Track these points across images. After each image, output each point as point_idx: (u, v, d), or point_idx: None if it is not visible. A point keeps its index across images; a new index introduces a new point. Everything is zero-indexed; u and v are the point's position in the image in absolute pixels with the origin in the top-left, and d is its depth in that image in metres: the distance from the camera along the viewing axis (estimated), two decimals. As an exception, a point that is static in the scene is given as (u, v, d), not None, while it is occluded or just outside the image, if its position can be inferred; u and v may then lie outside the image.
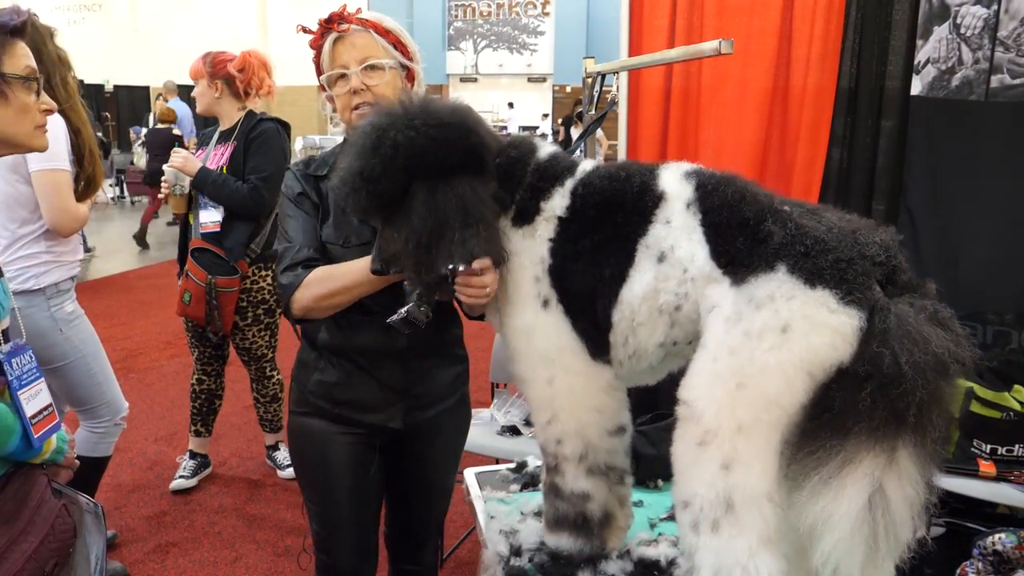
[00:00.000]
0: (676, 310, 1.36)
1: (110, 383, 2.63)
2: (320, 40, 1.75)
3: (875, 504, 1.15)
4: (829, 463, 1.18)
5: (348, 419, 1.80)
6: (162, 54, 19.07)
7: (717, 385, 1.25)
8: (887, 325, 1.18)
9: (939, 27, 2.75)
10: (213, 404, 3.55)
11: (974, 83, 2.71)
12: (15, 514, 1.39)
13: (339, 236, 1.73)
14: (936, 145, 2.81)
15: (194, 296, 3.22)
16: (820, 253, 1.22)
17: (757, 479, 1.22)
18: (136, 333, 5.90)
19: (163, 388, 4.78)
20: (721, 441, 1.23)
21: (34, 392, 1.46)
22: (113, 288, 7.34)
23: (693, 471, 1.27)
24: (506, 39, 22.39)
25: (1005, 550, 2.03)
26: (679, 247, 1.34)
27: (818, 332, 1.19)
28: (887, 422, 1.16)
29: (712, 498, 1.23)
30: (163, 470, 3.67)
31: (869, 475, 1.16)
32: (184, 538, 3.10)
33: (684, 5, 3.17)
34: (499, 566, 1.63)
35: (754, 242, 1.27)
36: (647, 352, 1.42)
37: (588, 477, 1.51)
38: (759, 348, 1.22)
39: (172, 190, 3.26)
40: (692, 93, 3.26)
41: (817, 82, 2.98)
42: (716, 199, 1.34)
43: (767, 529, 1.22)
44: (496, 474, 2.08)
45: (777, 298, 1.22)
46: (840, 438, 1.18)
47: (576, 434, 1.49)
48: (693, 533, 1.26)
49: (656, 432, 1.99)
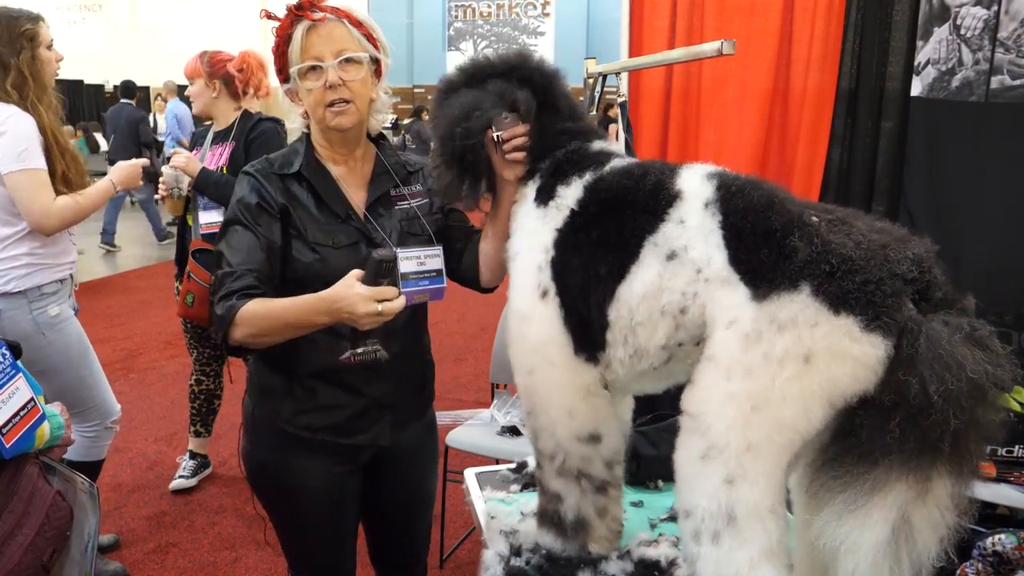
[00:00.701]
0: (681, 312, 1.32)
1: (100, 387, 2.60)
2: (289, 28, 1.60)
3: (899, 532, 1.13)
4: (856, 488, 1.15)
5: (328, 445, 1.68)
6: (162, 54, 19.04)
7: (729, 405, 1.22)
8: (915, 350, 1.12)
9: (939, 28, 2.75)
10: (212, 404, 3.55)
11: (974, 84, 2.71)
12: (6, 506, 1.38)
13: (327, 237, 1.61)
14: (936, 146, 2.81)
15: (197, 297, 3.19)
16: (847, 274, 1.17)
17: (761, 495, 1.20)
18: (136, 333, 5.90)
19: (163, 388, 4.78)
20: (727, 457, 1.21)
21: (8, 394, 1.39)
22: (113, 288, 7.33)
23: (695, 482, 1.25)
24: (506, 39, 22.37)
25: (1005, 551, 2.03)
26: (693, 248, 1.29)
27: (840, 363, 1.16)
28: (920, 453, 1.12)
29: (714, 510, 1.22)
30: (163, 470, 3.67)
31: (898, 505, 1.12)
32: (184, 538, 3.10)
33: (684, 6, 3.18)
34: (499, 566, 1.62)
35: (779, 256, 1.22)
36: (648, 353, 1.39)
37: (558, 478, 1.50)
38: (780, 375, 1.18)
39: (171, 192, 3.21)
40: (692, 94, 3.26)
41: (817, 83, 2.99)
42: (740, 201, 1.28)
43: (770, 542, 1.20)
44: (496, 474, 2.08)
45: (800, 323, 1.18)
46: (868, 466, 1.14)
47: (548, 432, 1.48)
48: (694, 542, 1.25)
49: (656, 432, 1.99)
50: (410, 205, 1.74)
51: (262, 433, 1.72)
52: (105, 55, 20.88)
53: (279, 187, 1.63)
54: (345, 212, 1.66)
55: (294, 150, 1.70)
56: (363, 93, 1.61)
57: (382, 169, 1.75)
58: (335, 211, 1.65)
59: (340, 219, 1.64)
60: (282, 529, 1.80)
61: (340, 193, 1.67)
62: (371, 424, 1.70)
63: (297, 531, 1.77)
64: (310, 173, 1.66)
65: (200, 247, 3.21)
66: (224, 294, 1.53)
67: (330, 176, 1.68)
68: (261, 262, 1.57)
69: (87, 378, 2.54)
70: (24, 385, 1.46)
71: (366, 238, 1.65)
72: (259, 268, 1.56)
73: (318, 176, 1.67)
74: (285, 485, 1.72)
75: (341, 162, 1.71)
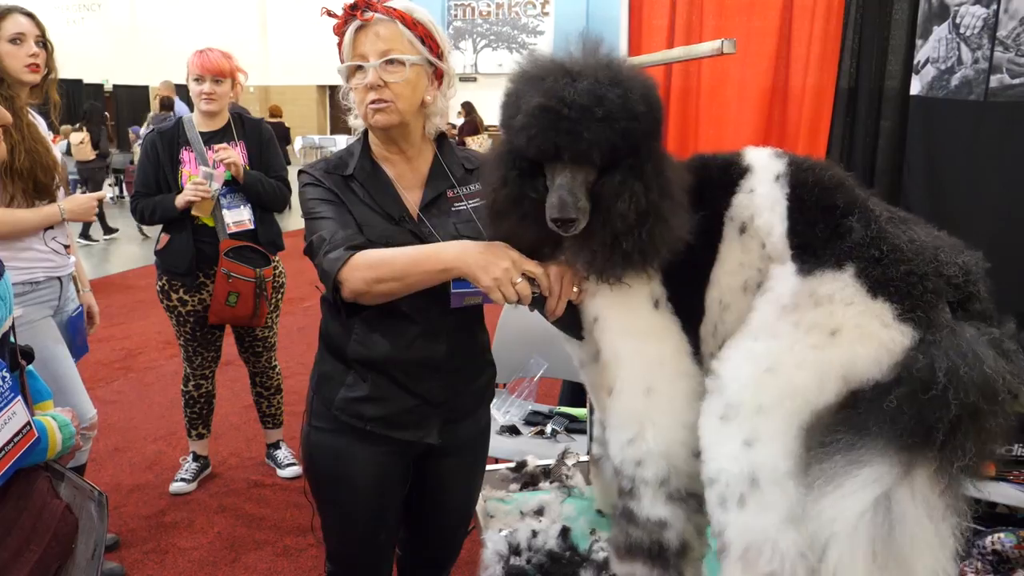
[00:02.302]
0: (759, 288, 1.31)
1: (72, 390, 2.50)
2: (343, 26, 1.60)
3: (880, 508, 1.12)
4: (837, 458, 1.15)
5: (378, 436, 1.66)
6: (161, 54, 19.04)
7: (747, 363, 1.24)
8: (936, 338, 1.14)
9: (938, 27, 2.75)
10: (211, 404, 3.54)
11: (973, 83, 2.71)
12: (17, 522, 1.36)
13: (381, 238, 1.59)
14: (935, 145, 2.81)
15: (242, 295, 3.15)
16: (893, 263, 1.18)
17: (778, 458, 1.20)
18: (135, 333, 5.89)
19: (162, 388, 4.78)
20: (742, 419, 1.22)
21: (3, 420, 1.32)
22: (112, 288, 7.33)
23: (717, 447, 1.26)
24: (505, 39, 22.35)
25: (1004, 550, 2.03)
26: (759, 216, 1.30)
27: (865, 343, 1.17)
28: (910, 432, 1.11)
29: (737, 472, 1.22)
30: (162, 470, 3.66)
31: (877, 480, 1.12)
32: (183, 538, 3.10)
33: (683, 5, 3.17)
34: (499, 565, 1.63)
35: (833, 234, 1.24)
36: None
37: (667, 504, 1.39)
38: (802, 342, 1.20)
39: (212, 192, 3.06)
40: (691, 93, 3.26)
41: (816, 82, 2.99)
42: (810, 176, 1.31)
43: (791, 508, 1.20)
44: (496, 473, 2.08)
45: (836, 300, 1.20)
46: (855, 435, 1.15)
47: (661, 455, 1.37)
48: (721, 509, 1.25)
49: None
50: (466, 206, 1.68)
51: (320, 418, 1.72)
52: (104, 54, 20.87)
53: (341, 186, 1.64)
54: (399, 214, 1.64)
55: (349, 151, 1.70)
56: (406, 94, 1.58)
57: (439, 169, 1.71)
58: (389, 212, 1.63)
59: (394, 221, 1.62)
60: (327, 516, 1.78)
61: (394, 194, 1.65)
62: (421, 420, 1.67)
63: (341, 519, 1.75)
64: (363, 176, 1.65)
65: (232, 246, 3.18)
66: (328, 249, 1.52)
67: (384, 177, 1.67)
68: (355, 229, 1.57)
69: (53, 383, 2.41)
70: (21, 409, 1.39)
71: (419, 240, 1.60)
72: (355, 232, 1.57)
73: (372, 178, 1.66)
74: (335, 471, 1.71)
75: (397, 161, 1.69)
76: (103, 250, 9.35)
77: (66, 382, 2.49)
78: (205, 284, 3.21)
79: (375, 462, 1.69)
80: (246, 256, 3.20)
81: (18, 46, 2.42)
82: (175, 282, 3.21)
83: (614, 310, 1.39)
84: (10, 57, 2.40)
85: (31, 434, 1.39)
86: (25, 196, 2.40)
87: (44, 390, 1.75)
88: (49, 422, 1.51)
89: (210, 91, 3.13)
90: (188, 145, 3.19)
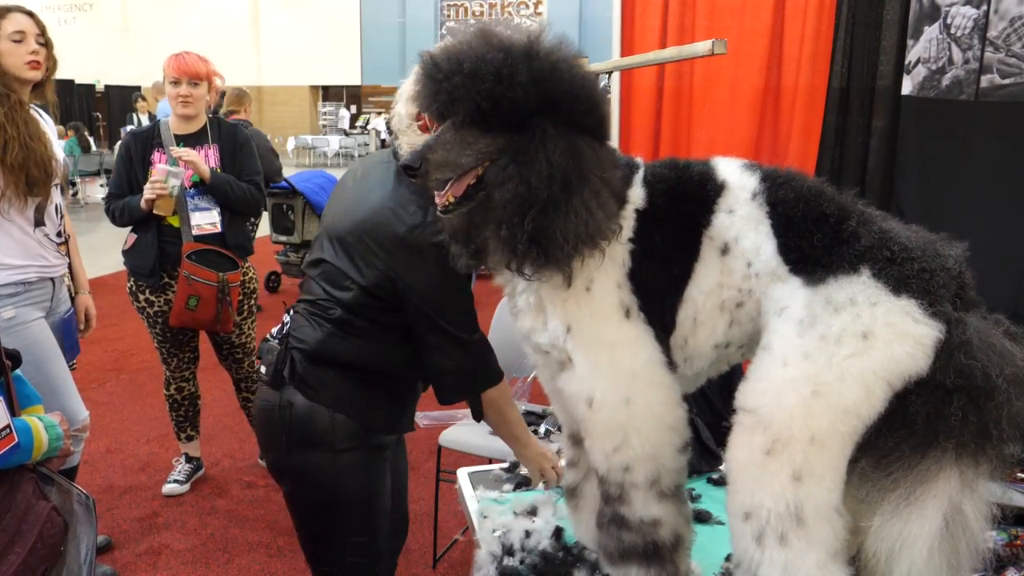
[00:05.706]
0: (737, 307, 1.31)
1: (63, 392, 2.49)
2: None
3: (953, 521, 1.12)
4: (908, 481, 1.14)
5: (385, 442, 1.80)
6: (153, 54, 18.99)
7: (789, 392, 1.19)
8: (967, 337, 1.14)
9: (930, 27, 2.76)
10: (196, 406, 3.50)
11: (964, 83, 2.73)
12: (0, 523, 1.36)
13: None
14: (926, 144, 2.82)
15: (203, 299, 3.11)
16: (906, 260, 1.19)
17: (828, 492, 1.18)
18: (128, 334, 5.87)
19: (155, 389, 4.75)
20: (793, 452, 1.18)
21: None
22: (105, 288, 7.29)
23: (760, 482, 1.21)
24: (498, 39, 22.37)
25: (996, 548, 2.04)
26: (744, 238, 1.29)
27: (901, 341, 1.15)
28: (976, 436, 1.12)
29: (781, 510, 1.18)
30: (155, 471, 3.65)
31: (949, 493, 1.12)
32: (176, 540, 3.09)
33: (676, 5, 3.18)
34: (492, 566, 1.62)
35: (835, 241, 1.23)
36: (702, 355, 1.37)
37: (659, 502, 1.38)
38: (838, 354, 1.17)
39: (169, 190, 3.04)
40: (684, 93, 3.27)
41: (808, 82, 3.00)
42: (788, 191, 1.29)
43: (836, 543, 1.18)
44: (489, 474, 2.08)
45: (859, 302, 1.18)
46: (920, 454, 1.14)
47: (649, 458, 1.36)
48: (756, 546, 1.21)
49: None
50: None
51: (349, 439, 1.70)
52: (96, 54, 20.80)
53: None
54: None
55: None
56: None
57: None
58: None
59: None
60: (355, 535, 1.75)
61: None
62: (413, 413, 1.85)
63: (373, 532, 1.78)
64: None
65: (195, 248, 3.15)
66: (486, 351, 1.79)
67: None
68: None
69: (42, 384, 2.36)
70: (1, 411, 1.39)
71: None
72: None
73: None
74: (366, 486, 1.75)
75: None
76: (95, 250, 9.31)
77: (58, 383, 2.47)
78: (171, 285, 3.16)
79: (386, 466, 1.81)
80: (210, 260, 3.16)
81: (19, 44, 2.43)
82: (140, 283, 3.20)
83: (584, 321, 1.35)
84: (11, 55, 2.42)
85: (10, 438, 1.39)
86: (17, 191, 2.39)
87: (33, 395, 1.74)
88: (34, 422, 1.50)
89: (187, 94, 3.13)
90: (162, 147, 3.18)
